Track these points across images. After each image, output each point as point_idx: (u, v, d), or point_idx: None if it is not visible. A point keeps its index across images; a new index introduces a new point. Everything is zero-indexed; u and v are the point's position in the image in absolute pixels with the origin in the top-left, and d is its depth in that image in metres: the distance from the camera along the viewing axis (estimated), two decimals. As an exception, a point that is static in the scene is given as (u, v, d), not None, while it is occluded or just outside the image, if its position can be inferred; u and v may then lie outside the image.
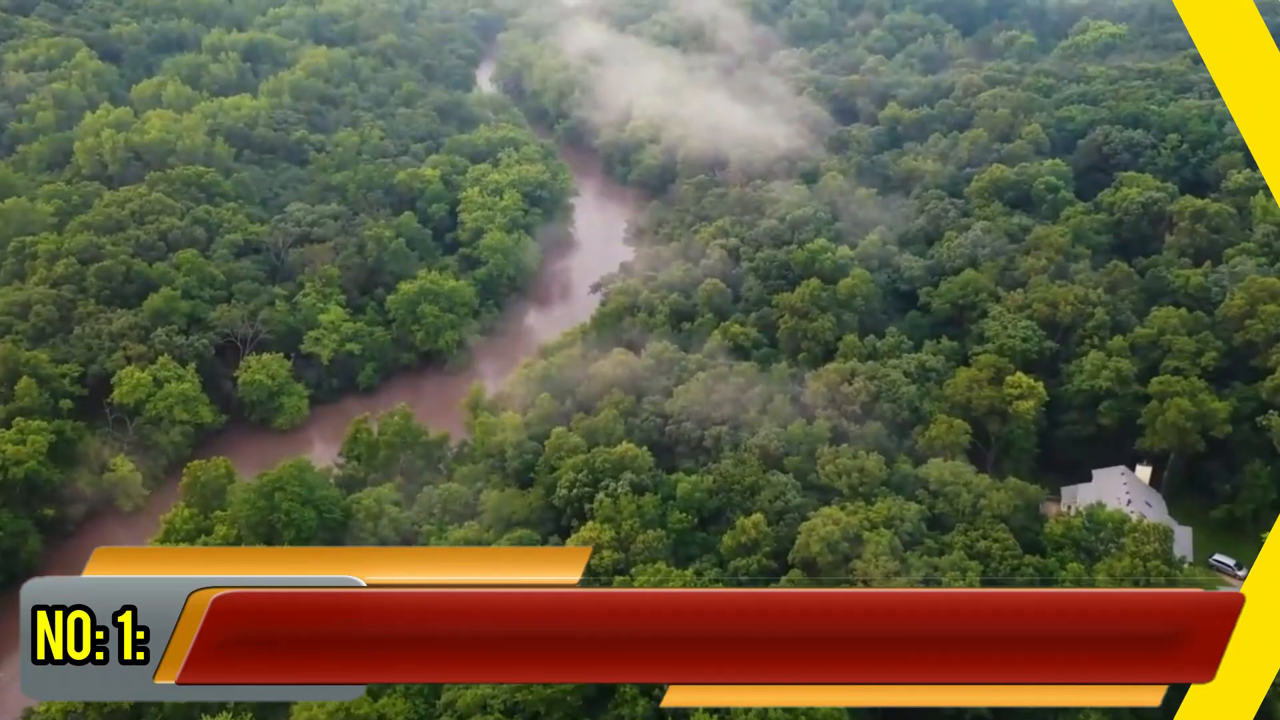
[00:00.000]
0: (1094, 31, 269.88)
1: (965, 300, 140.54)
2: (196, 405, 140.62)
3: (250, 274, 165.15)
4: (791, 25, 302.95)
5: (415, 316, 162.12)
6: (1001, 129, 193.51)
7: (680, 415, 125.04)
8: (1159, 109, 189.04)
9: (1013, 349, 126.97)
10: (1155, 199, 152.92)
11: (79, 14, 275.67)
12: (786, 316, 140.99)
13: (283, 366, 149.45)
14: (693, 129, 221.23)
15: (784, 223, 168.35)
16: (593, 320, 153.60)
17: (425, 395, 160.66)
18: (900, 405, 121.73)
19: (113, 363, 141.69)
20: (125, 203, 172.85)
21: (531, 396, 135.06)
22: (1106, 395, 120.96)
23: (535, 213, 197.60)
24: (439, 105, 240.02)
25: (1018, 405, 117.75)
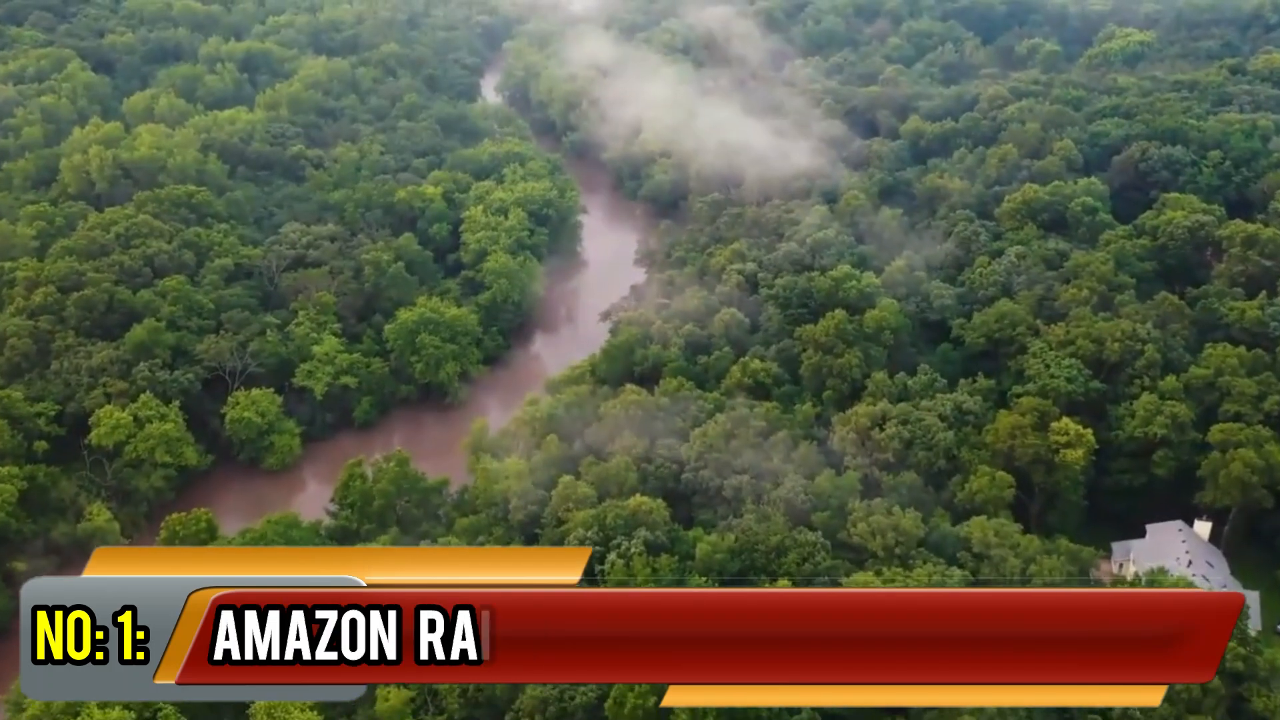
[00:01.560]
0: (1120, 39, 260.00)
1: (1001, 334, 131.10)
2: (180, 446, 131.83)
3: (241, 301, 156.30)
4: (806, 33, 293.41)
5: (414, 347, 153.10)
6: (1031, 144, 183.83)
7: (697, 461, 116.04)
8: (1198, 123, 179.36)
9: (1056, 390, 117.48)
10: (1202, 223, 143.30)
11: (73, 23, 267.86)
12: (810, 351, 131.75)
13: (273, 403, 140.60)
14: (705, 143, 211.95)
15: (804, 246, 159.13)
16: (602, 353, 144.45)
17: (425, 431, 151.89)
18: (936, 453, 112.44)
19: (91, 400, 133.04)
20: (110, 225, 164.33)
21: (537, 438, 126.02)
22: (1161, 444, 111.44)
23: (541, 232, 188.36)
24: (442, 118, 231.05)
25: (1065, 454, 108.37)
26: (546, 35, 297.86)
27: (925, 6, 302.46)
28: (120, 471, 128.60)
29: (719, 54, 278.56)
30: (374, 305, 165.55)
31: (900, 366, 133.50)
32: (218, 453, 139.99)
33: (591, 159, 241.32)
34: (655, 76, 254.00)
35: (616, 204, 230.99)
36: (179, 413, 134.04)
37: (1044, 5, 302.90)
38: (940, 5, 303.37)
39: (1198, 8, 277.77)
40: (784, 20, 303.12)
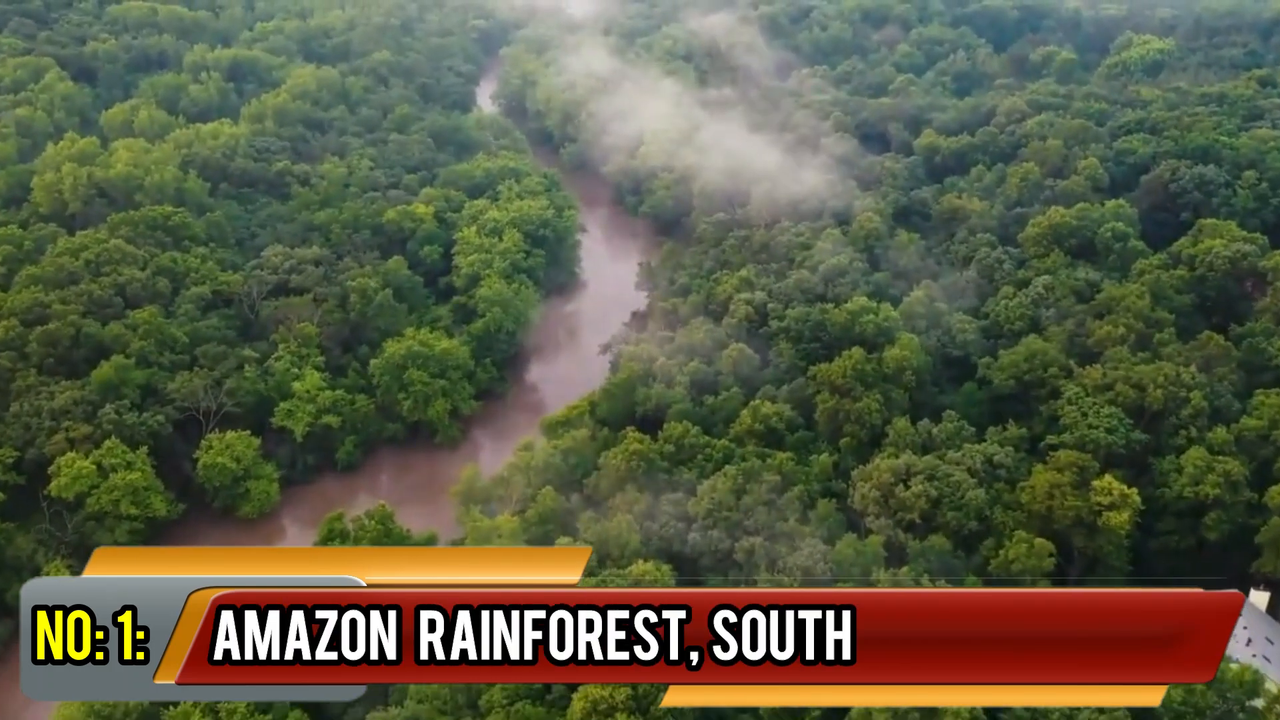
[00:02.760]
0: (1139, 47, 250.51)
1: (1031, 375, 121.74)
2: (148, 496, 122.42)
3: (218, 334, 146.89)
4: (812, 40, 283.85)
5: (402, 384, 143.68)
6: (1053, 162, 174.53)
7: (705, 520, 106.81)
8: (1230, 140, 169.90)
9: (1096, 441, 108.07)
10: (1244, 252, 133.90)
11: (54, 29, 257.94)
12: (825, 394, 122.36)
13: (249, 446, 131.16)
14: (709, 158, 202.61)
15: (816, 274, 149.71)
16: (602, 392, 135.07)
17: (412, 473, 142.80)
18: (966, 513, 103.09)
19: (53, 446, 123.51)
20: (80, 251, 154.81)
21: (533, 490, 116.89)
22: (1214, 505, 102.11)
23: (538, 254, 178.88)
24: (435, 130, 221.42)
25: (1108, 517, 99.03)
26: (544, 41, 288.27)
27: (935, 12, 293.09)
28: (82, 525, 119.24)
29: (722, 62, 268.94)
30: (360, 335, 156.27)
31: (922, 408, 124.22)
32: (190, 500, 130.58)
33: (590, 172, 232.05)
34: (656, 86, 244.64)
35: (617, 220, 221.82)
36: (147, 459, 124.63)
37: (1056, 10, 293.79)
38: (950, 10, 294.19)
39: (1216, 13, 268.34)
40: (788, 26, 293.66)
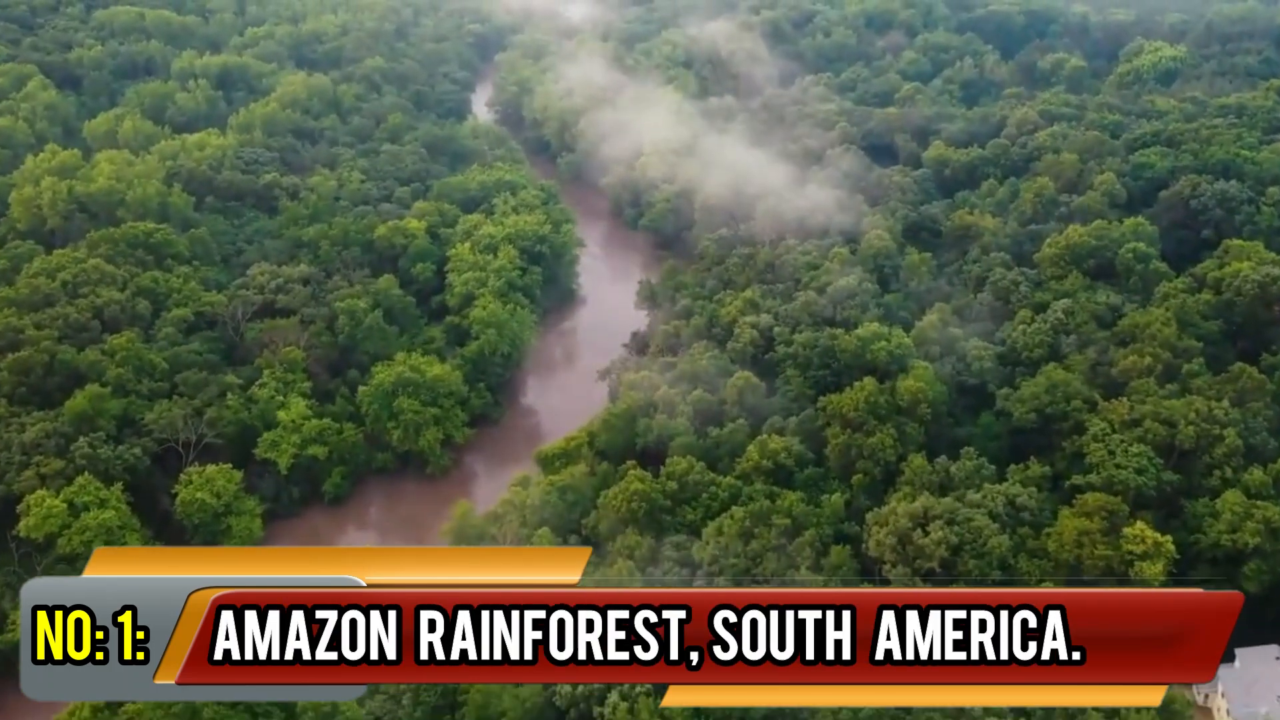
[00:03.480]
0: (1150, 55, 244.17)
1: (1053, 408, 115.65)
2: (123, 535, 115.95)
3: (199, 359, 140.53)
4: (815, 46, 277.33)
5: (392, 412, 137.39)
6: (1068, 177, 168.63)
7: (711, 566, 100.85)
8: (1251, 155, 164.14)
9: (1124, 483, 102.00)
10: (1275, 276, 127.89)
11: (39, 35, 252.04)
12: (836, 428, 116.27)
13: (231, 480, 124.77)
14: (710, 170, 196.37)
15: (824, 296, 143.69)
16: (602, 423, 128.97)
17: (403, 505, 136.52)
18: (988, 561, 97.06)
19: (23, 483, 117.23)
20: (57, 271, 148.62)
21: (528, 530, 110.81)
22: (1253, 554, 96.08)
23: (534, 271, 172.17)
24: (428, 140, 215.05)
25: (1141, 568, 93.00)
26: (541, 47, 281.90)
27: (940, 17, 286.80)
28: (53, 568, 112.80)
29: (723, 69, 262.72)
30: (349, 358, 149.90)
31: (938, 441, 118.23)
32: (168, 537, 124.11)
33: (588, 182, 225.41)
34: (656, 94, 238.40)
35: (616, 233, 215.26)
36: (122, 496, 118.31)
37: (1064, 15, 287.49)
38: (955, 16, 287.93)
39: (1228, 19, 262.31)
40: (791, 32, 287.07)
